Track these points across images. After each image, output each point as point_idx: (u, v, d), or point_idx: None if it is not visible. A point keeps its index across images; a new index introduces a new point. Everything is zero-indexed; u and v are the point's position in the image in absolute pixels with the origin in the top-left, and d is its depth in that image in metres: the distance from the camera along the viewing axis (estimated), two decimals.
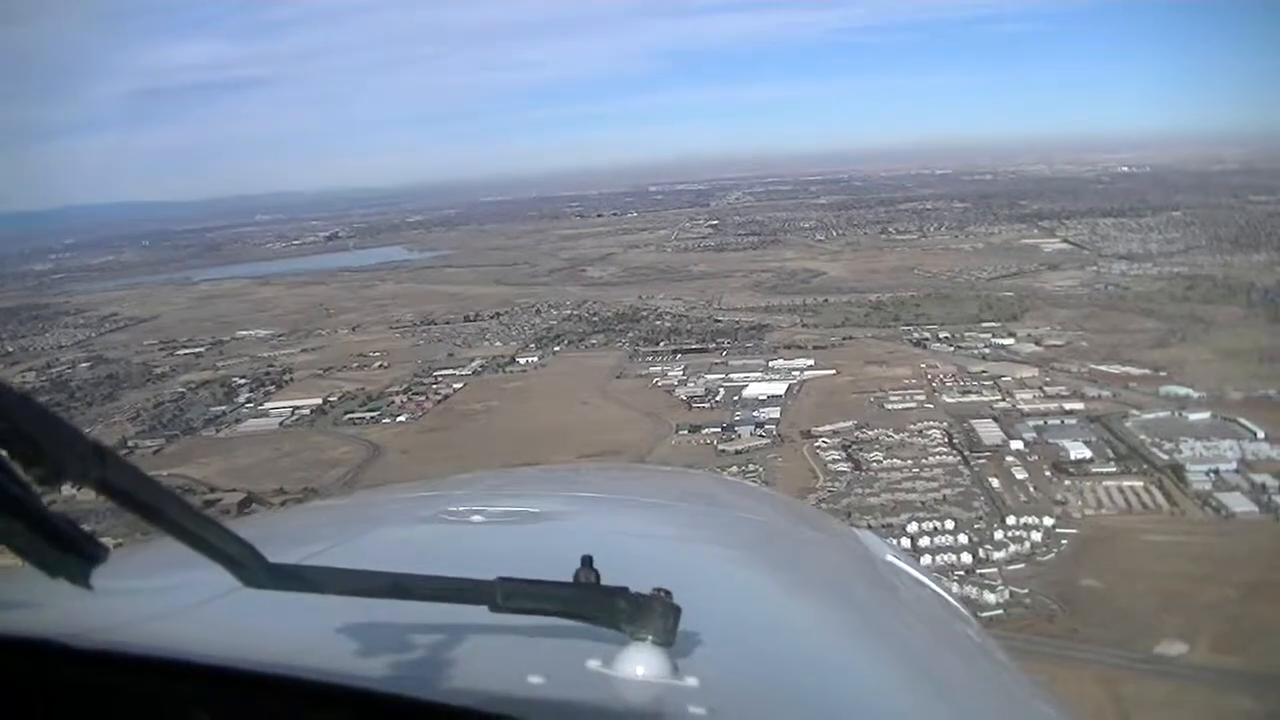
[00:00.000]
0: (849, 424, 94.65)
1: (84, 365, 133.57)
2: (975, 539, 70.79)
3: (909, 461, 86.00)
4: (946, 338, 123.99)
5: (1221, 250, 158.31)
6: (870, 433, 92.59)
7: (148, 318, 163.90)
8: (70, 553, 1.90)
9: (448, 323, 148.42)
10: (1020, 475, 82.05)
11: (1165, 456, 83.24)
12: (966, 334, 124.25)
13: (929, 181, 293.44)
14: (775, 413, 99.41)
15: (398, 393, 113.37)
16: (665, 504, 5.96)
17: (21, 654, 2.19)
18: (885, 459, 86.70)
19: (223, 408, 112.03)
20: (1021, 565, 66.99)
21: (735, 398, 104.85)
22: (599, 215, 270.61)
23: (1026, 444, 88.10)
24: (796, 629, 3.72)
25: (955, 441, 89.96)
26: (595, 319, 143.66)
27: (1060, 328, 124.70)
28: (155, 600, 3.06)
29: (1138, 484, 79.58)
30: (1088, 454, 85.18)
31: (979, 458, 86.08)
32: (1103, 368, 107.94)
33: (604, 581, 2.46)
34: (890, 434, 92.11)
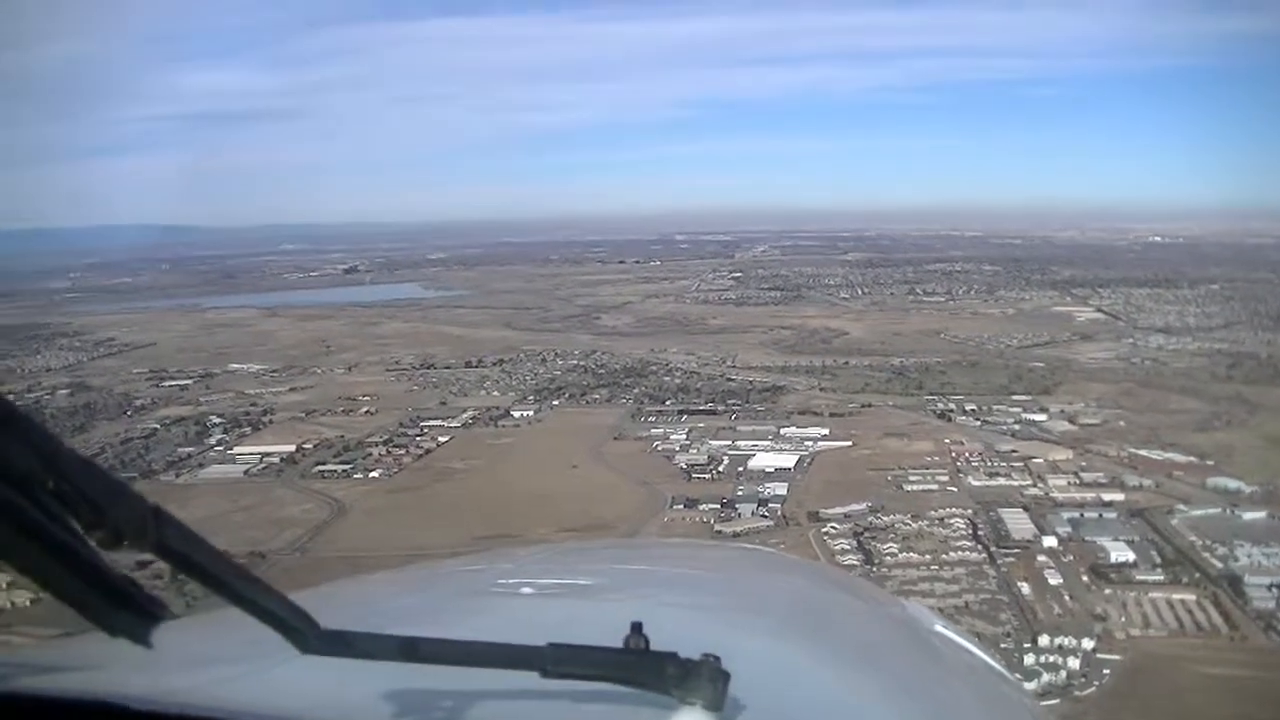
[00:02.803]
0: (862, 506, 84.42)
1: (64, 392, 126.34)
2: (1003, 663, 58.27)
3: (927, 556, 75.47)
4: (973, 410, 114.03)
5: (1264, 327, 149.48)
6: (885, 518, 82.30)
7: (145, 344, 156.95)
8: (131, 612, 2.00)
9: (448, 367, 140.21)
10: (1054, 580, 70.92)
11: (1219, 564, 72.14)
12: (995, 407, 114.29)
13: (958, 243, 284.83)
14: (782, 489, 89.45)
15: (377, 443, 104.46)
16: (715, 576, 5.63)
17: (83, 715, 2.24)
18: (900, 551, 76.46)
19: (190, 449, 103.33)
20: (1056, 701, 54.85)
21: (740, 469, 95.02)
22: (621, 262, 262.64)
23: (1061, 540, 77.29)
24: (845, 696, 3.49)
25: (980, 534, 79.50)
26: (602, 371, 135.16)
27: (1096, 404, 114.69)
28: (211, 664, 2.93)
29: (1189, 597, 67.99)
30: (1130, 557, 74.12)
31: (1007, 555, 75.43)
32: (1143, 452, 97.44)
33: (653, 648, 2.45)
34: (907, 521, 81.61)
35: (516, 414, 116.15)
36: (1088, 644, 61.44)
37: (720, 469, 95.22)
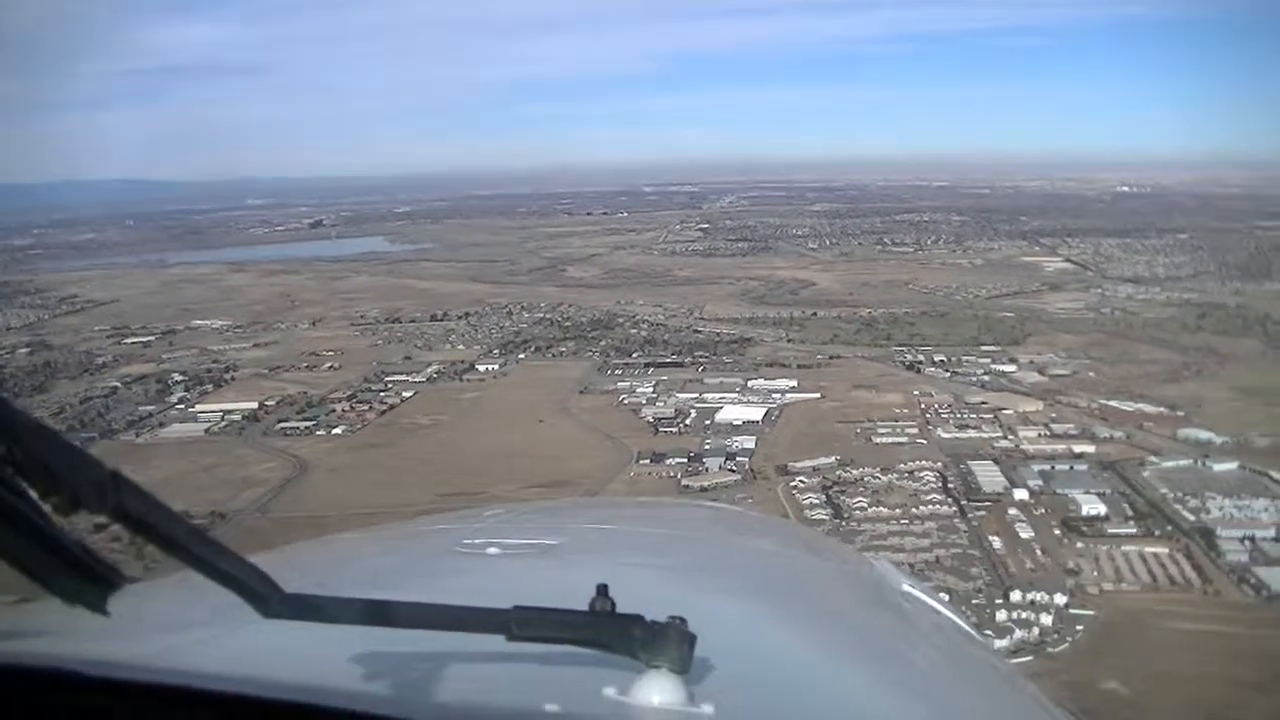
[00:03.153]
0: (831, 460, 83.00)
1: (24, 350, 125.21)
2: (974, 620, 56.87)
3: (897, 510, 74.03)
4: (942, 361, 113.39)
5: (1231, 277, 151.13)
6: (854, 471, 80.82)
7: (108, 301, 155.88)
8: (88, 580, 1.94)
9: (413, 321, 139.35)
10: (1025, 534, 69.66)
11: (1191, 516, 71.14)
12: (964, 358, 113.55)
13: (926, 193, 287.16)
14: (750, 442, 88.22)
15: (341, 399, 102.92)
16: (681, 536, 5.67)
17: (39, 683, 2.18)
18: (870, 505, 74.94)
19: (152, 408, 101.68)
20: (1029, 658, 53.45)
21: (707, 422, 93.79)
22: (589, 213, 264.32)
23: (1032, 493, 76.20)
24: (812, 658, 3.59)
25: (951, 486, 78.09)
26: (568, 324, 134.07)
27: (1065, 355, 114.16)
28: (172, 630, 3.10)
29: (1162, 550, 66.89)
30: (1102, 509, 72.97)
31: (978, 508, 74.03)
32: (1114, 403, 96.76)
33: (619, 610, 2.43)
34: (877, 474, 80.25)
35: (482, 368, 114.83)
36: (1060, 599, 60.15)
37: (687, 422, 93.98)
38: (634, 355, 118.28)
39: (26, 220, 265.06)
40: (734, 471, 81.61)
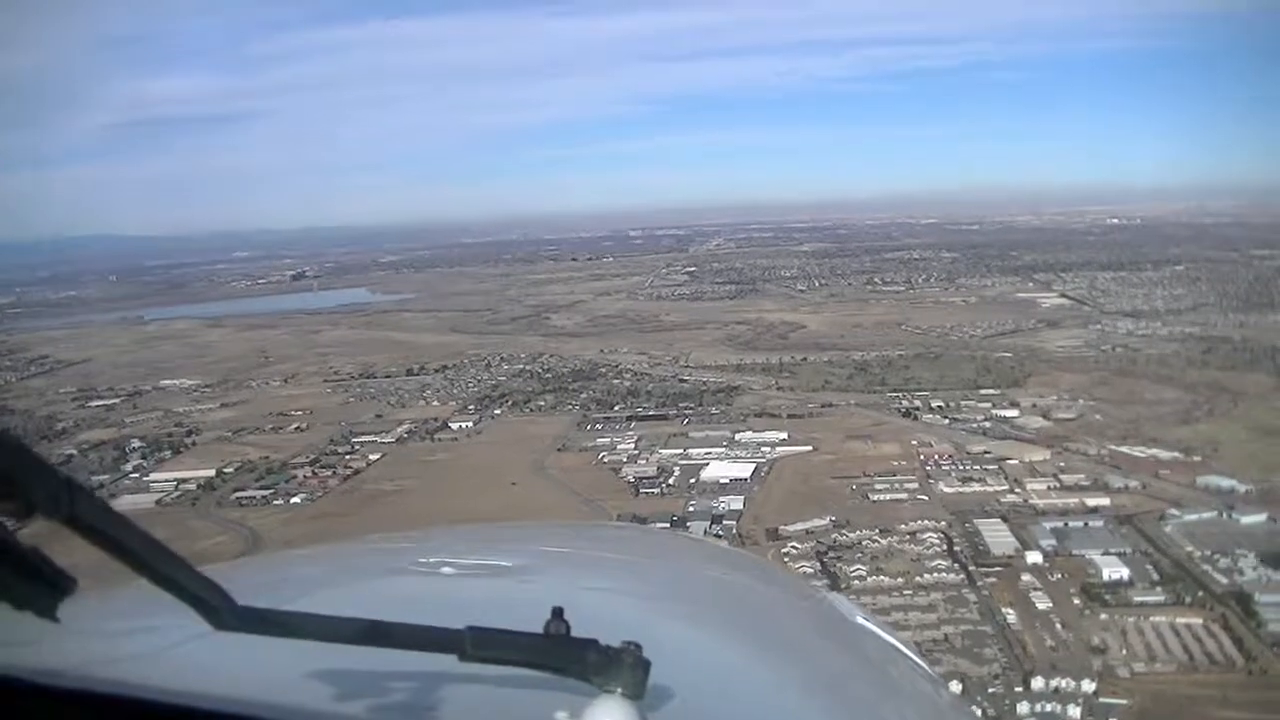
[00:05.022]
0: (825, 521, 76.61)
1: None
2: (991, 713, 49.65)
3: (899, 579, 67.09)
4: (940, 407, 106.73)
5: (1233, 308, 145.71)
6: (851, 534, 74.29)
7: (78, 361, 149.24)
8: (38, 584, 1.86)
9: (388, 376, 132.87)
10: (1042, 604, 62.57)
11: (1223, 579, 64.15)
12: (963, 403, 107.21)
13: (915, 231, 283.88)
14: (738, 502, 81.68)
15: (304, 464, 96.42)
16: (635, 560, 5.65)
17: None
18: (869, 573, 68.09)
19: (105, 477, 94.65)
20: None
21: (692, 480, 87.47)
22: (574, 259, 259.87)
23: (1046, 555, 69.25)
24: (767, 688, 3.47)
25: (957, 549, 71.44)
26: (548, 375, 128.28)
27: (1069, 396, 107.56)
28: (123, 640, 3.05)
29: (1195, 621, 59.63)
30: (1125, 573, 65.86)
31: (988, 574, 67.20)
32: (1124, 449, 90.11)
33: (574, 634, 2.40)
34: (876, 537, 73.67)
35: (456, 426, 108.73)
36: (1088, 686, 52.76)
37: (670, 481, 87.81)
38: (616, 408, 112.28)
39: (8, 278, 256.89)
40: (720, 536, 73.22)
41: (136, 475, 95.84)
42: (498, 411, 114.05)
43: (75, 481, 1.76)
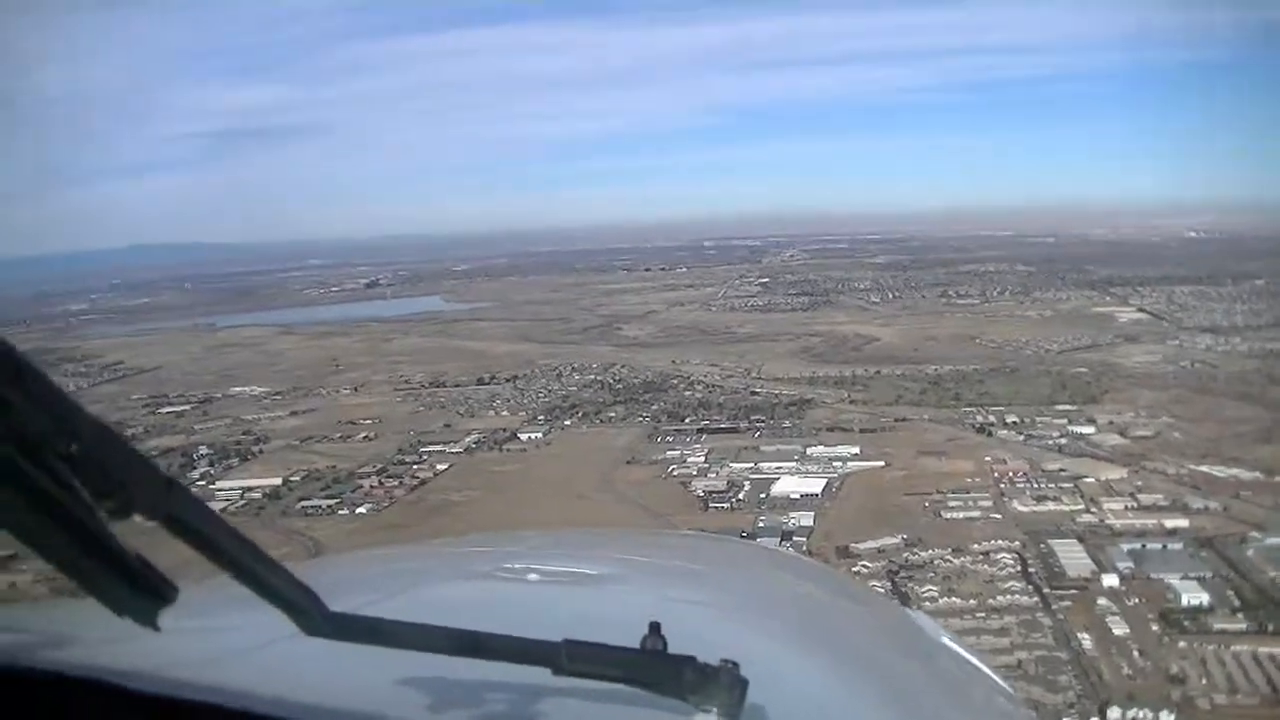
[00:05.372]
0: (897, 540, 74.88)
1: None
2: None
3: (972, 601, 65.25)
4: (1015, 423, 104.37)
5: None
6: (923, 554, 72.50)
7: (151, 368, 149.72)
8: (140, 591, 1.88)
9: (458, 385, 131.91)
10: (1119, 630, 60.45)
11: None
12: (1038, 419, 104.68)
13: (990, 243, 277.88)
14: (808, 518, 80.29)
15: (370, 474, 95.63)
16: (725, 573, 5.45)
17: (76, 692, 2.21)
18: (941, 594, 66.21)
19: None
20: None
21: (762, 495, 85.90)
22: (647, 269, 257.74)
23: (1123, 578, 67.08)
24: (862, 709, 3.44)
25: (1031, 571, 69.37)
26: (619, 386, 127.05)
27: (1147, 414, 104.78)
28: (214, 643, 2.97)
29: (1278, 651, 57.10)
30: (1205, 598, 63.40)
31: (1062, 597, 65.08)
32: (1204, 469, 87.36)
33: (669, 649, 2.39)
34: (948, 556, 71.96)
35: (525, 436, 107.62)
36: (1166, 717, 51.01)
37: (740, 496, 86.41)
38: (686, 420, 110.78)
39: (86, 286, 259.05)
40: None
41: (203, 483, 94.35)
42: (567, 422, 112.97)
43: (176, 481, 1.79)
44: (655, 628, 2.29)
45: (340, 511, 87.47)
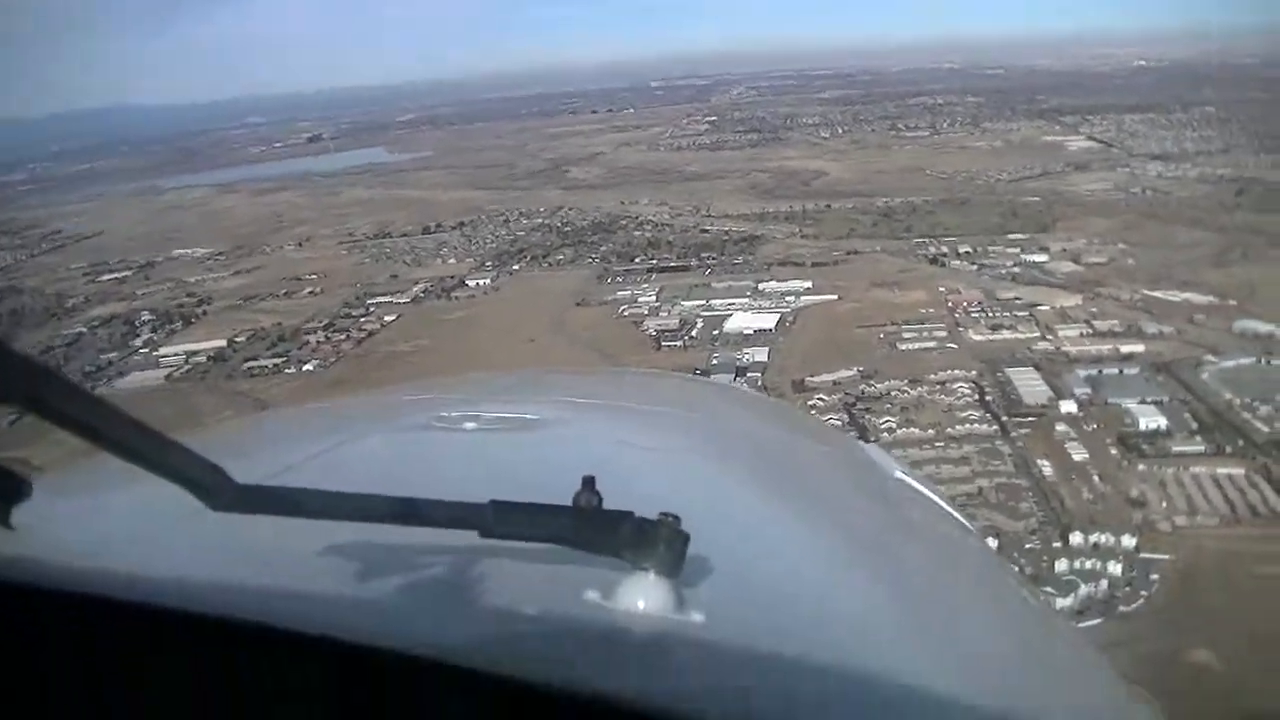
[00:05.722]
0: (852, 372, 74.58)
1: None
2: (1029, 570, 47.16)
3: (930, 430, 64.82)
4: (967, 253, 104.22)
5: (1267, 149, 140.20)
6: (879, 385, 72.09)
7: (91, 234, 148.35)
8: None
9: (405, 235, 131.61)
10: (1078, 455, 60.23)
11: (1264, 427, 61.63)
12: (990, 248, 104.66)
13: (939, 76, 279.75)
14: (762, 354, 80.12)
15: (317, 329, 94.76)
16: (670, 414, 5.25)
17: None
18: (899, 425, 65.89)
19: (114, 354, 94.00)
20: (1098, 620, 43.78)
21: (715, 332, 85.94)
22: (594, 111, 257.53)
23: (1080, 405, 66.76)
24: (813, 560, 3.28)
25: (989, 399, 69.10)
26: (567, 229, 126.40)
27: (1099, 241, 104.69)
28: (100, 526, 2.73)
29: (1237, 471, 57.18)
30: (1162, 422, 63.27)
31: (1021, 425, 64.90)
32: (1158, 294, 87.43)
33: (606, 501, 2.29)
34: (905, 387, 71.48)
35: (472, 283, 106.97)
36: (1128, 541, 50.51)
37: (693, 334, 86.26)
38: (636, 260, 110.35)
39: (22, 156, 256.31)
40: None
41: (146, 350, 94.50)
42: (516, 267, 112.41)
43: (35, 360, 1.59)
44: (589, 483, 2.20)
45: (287, 370, 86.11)
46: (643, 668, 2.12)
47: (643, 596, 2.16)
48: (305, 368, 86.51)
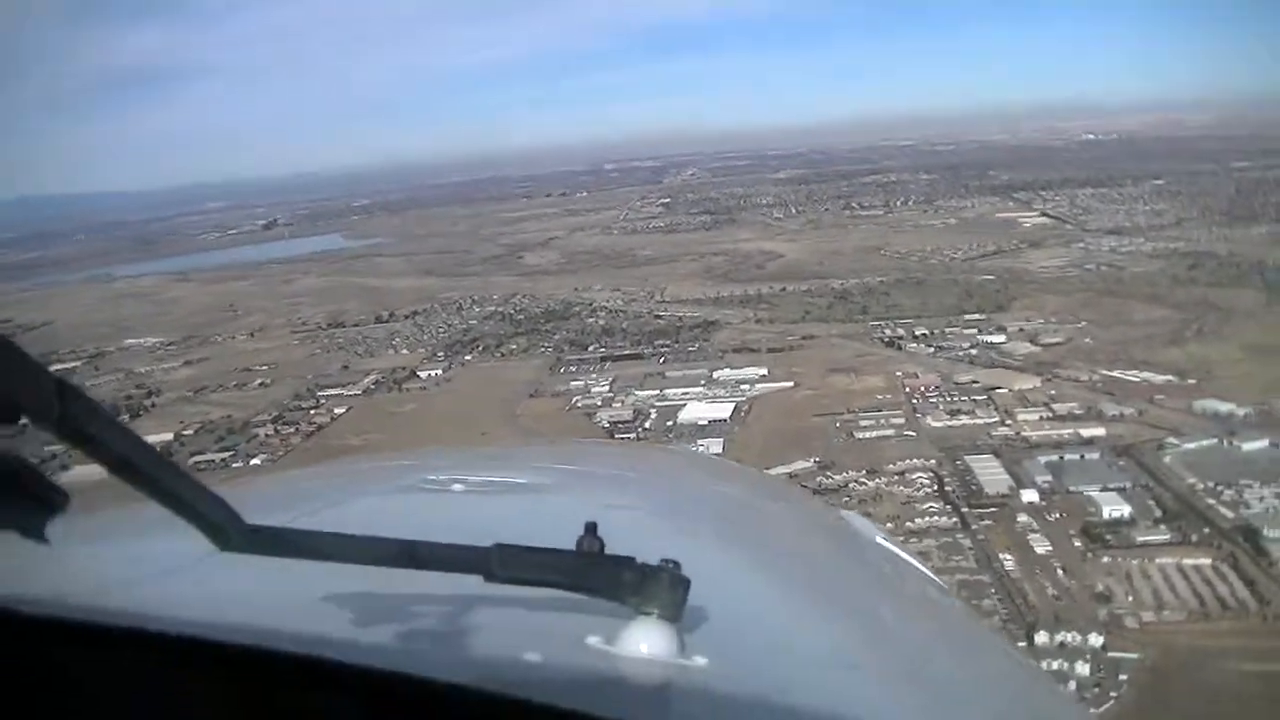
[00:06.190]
0: (809, 463, 72.86)
1: None
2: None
3: (889, 525, 61.32)
4: (924, 335, 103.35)
5: (1216, 223, 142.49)
6: (837, 476, 70.45)
7: (40, 324, 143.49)
8: (23, 500, 1.64)
9: (357, 325, 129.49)
10: (1041, 548, 58.92)
11: (1229, 513, 60.47)
12: (947, 329, 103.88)
13: (891, 153, 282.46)
14: (717, 445, 77.44)
15: (266, 421, 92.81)
16: (658, 479, 5.52)
17: None
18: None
19: (55, 449, 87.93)
20: None
21: (669, 423, 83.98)
22: (548, 195, 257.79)
23: (1042, 493, 65.55)
24: (804, 609, 3.47)
25: (948, 490, 67.67)
26: (521, 317, 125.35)
27: (1055, 320, 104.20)
28: (120, 563, 2.97)
29: (1203, 562, 55.82)
30: (1125, 510, 62.07)
31: (982, 515, 63.40)
32: (1116, 374, 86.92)
33: (607, 552, 2.31)
34: (863, 478, 70.03)
35: (424, 374, 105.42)
36: (1095, 639, 48.84)
37: (647, 425, 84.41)
38: (590, 348, 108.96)
39: None
40: None
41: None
42: (468, 357, 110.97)
43: (68, 383, 1.55)
44: (591, 528, 2.22)
45: (235, 464, 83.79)
46: (648, 712, 2.14)
47: (646, 641, 2.17)
48: (253, 462, 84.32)
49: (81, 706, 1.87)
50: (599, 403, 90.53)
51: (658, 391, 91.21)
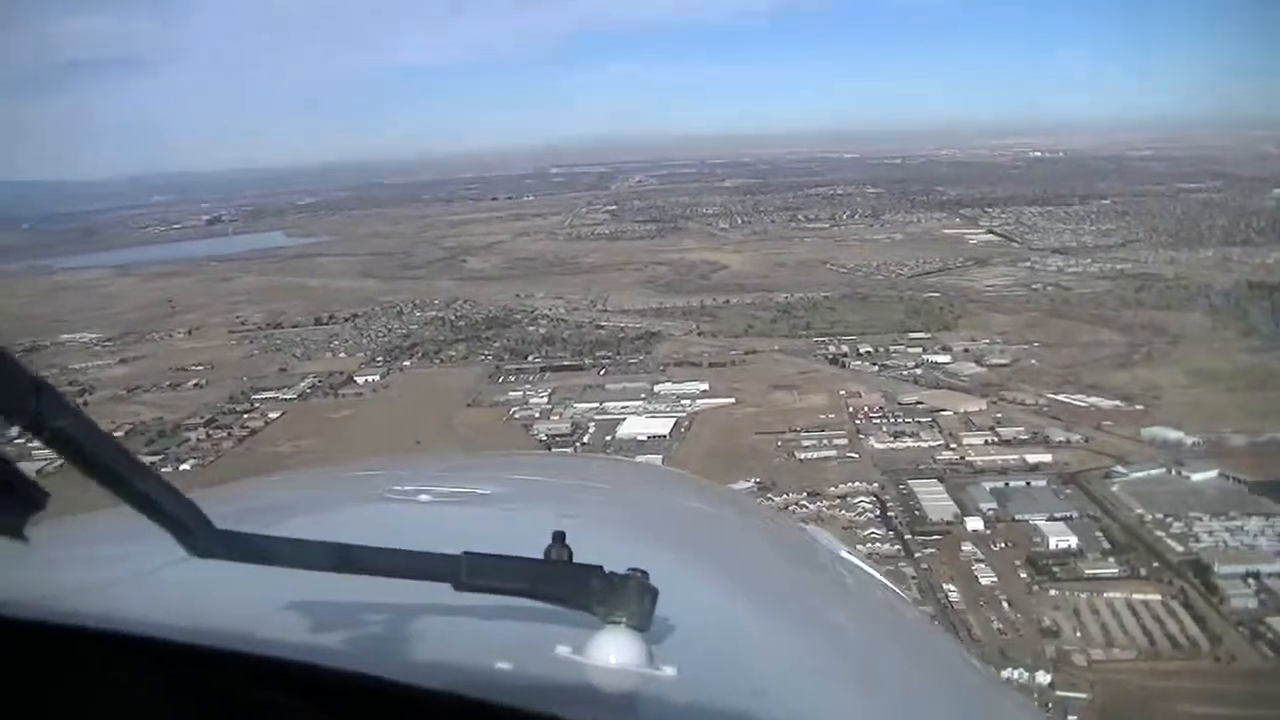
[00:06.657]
0: (749, 484, 69.45)
1: None
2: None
3: None
4: (868, 352, 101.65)
5: (1164, 244, 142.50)
6: (777, 498, 67.34)
7: None
8: (3, 498, 1.63)
9: (296, 326, 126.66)
10: (986, 579, 57.17)
11: (1178, 546, 58.99)
12: (892, 348, 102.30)
13: (838, 166, 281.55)
14: (656, 462, 73.09)
15: (198, 424, 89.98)
16: (624, 491, 5.55)
17: None
18: None
19: (32, 446, 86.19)
20: None
21: (608, 438, 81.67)
22: (494, 199, 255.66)
23: (987, 521, 63.74)
24: (772, 619, 3.49)
25: (891, 515, 65.66)
26: (461, 323, 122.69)
27: (1002, 340, 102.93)
28: (92, 566, 2.95)
29: (1153, 598, 54.12)
30: (1073, 541, 60.50)
31: (926, 544, 61.53)
32: (1063, 398, 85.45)
33: (575, 561, 2.33)
34: (804, 501, 67.52)
35: (361, 379, 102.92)
36: (1042, 678, 46.89)
37: (585, 439, 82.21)
38: (530, 357, 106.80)
39: None
40: None
41: (21, 442, 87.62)
42: (407, 363, 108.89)
43: (44, 380, 1.57)
44: (559, 537, 2.23)
45: (164, 469, 79.24)
46: None
47: (614, 650, 2.18)
48: (182, 467, 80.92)
49: (49, 708, 1.88)
50: (537, 414, 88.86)
51: (597, 404, 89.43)
